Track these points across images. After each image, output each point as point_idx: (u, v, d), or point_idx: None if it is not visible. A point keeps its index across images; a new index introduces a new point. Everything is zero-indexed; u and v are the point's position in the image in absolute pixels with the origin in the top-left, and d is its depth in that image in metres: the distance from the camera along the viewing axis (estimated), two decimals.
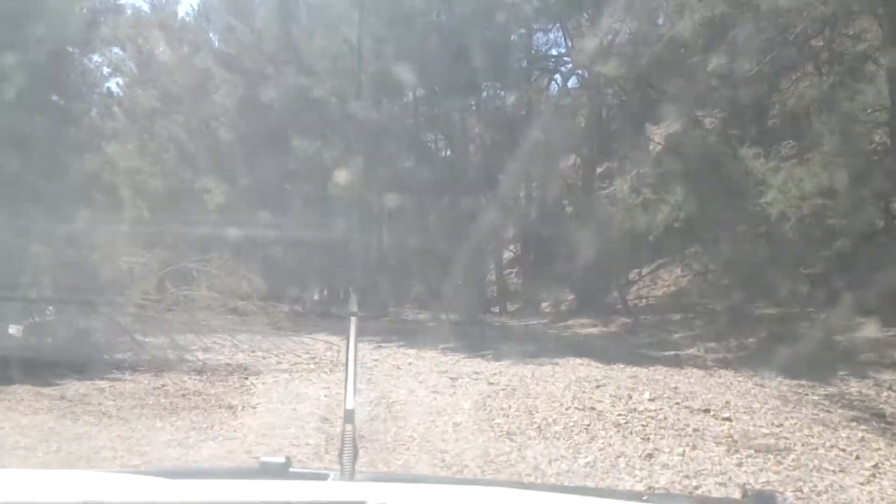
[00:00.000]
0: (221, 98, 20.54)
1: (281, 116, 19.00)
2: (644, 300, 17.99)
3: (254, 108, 19.69)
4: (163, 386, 8.36)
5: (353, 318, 1.87)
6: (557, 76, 20.46)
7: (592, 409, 7.10)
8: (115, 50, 12.65)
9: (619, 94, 18.52)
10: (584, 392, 8.21)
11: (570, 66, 19.63)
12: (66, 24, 9.40)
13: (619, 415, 6.86)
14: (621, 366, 10.43)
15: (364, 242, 21.44)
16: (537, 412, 6.88)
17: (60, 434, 6.23)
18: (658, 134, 19.20)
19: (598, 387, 8.62)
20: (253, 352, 10.93)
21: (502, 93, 20.38)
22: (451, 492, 1.61)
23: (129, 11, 13.16)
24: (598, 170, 20.02)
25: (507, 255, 22.92)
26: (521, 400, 7.54)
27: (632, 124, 17.74)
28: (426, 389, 8.05)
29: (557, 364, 10.64)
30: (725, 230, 13.94)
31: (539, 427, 6.26)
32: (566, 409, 7.02)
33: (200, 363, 9.51)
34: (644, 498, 1.79)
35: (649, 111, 16.43)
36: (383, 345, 13.17)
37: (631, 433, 6.22)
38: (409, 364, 10.53)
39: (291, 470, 1.56)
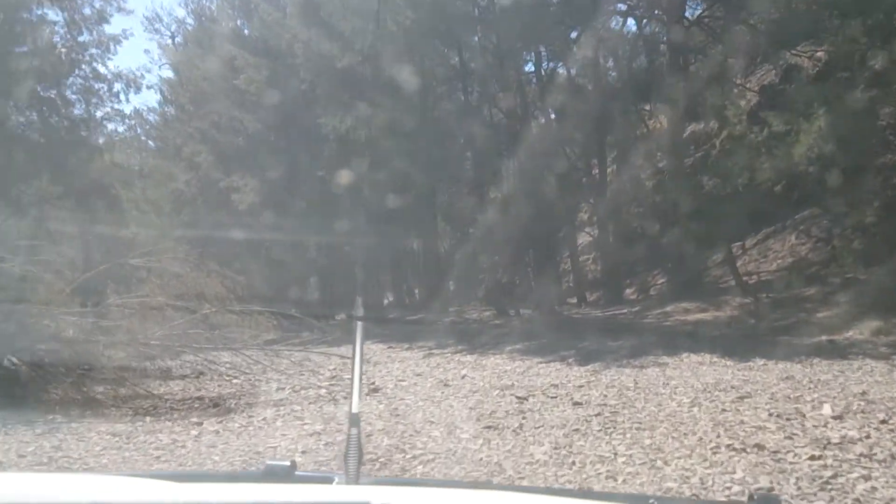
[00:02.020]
0: (246, 84, 18.18)
1: (309, 95, 16.53)
2: (754, 276, 14.71)
3: (281, 90, 17.29)
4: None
5: (359, 324, 1.80)
6: (631, 21, 17.14)
7: (757, 447, 4.12)
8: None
9: (706, 34, 15.31)
10: (724, 411, 5.25)
11: (643, 7, 16.27)
12: None
13: (812, 457, 3.87)
14: (760, 362, 7.43)
15: (419, 234, 18.76)
16: (665, 462, 3.93)
17: None
18: (748, 83, 16.07)
19: (741, 398, 5.66)
20: (264, 374, 8.29)
21: (558, 54, 17.22)
22: (456, 495, 1.55)
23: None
24: (683, 134, 16.75)
25: (583, 239, 19.87)
26: (630, 434, 4.62)
27: (721, 71, 14.61)
28: (476, 423, 5.13)
29: (667, 364, 7.72)
30: (869, 178, 10.82)
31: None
32: (713, 450, 4.07)
33: (155, 400, 6.58)
34: (650, 502, 1.69)
35: (742, 53, 13.64)
36: (435, 351, 10.41)
37: (854, 501, 3.25)
38: (463, 377, 7.67)
39: (297, 473, 1.50)
